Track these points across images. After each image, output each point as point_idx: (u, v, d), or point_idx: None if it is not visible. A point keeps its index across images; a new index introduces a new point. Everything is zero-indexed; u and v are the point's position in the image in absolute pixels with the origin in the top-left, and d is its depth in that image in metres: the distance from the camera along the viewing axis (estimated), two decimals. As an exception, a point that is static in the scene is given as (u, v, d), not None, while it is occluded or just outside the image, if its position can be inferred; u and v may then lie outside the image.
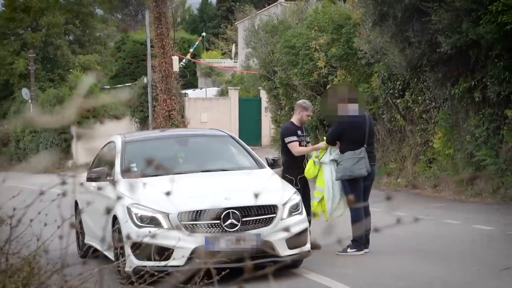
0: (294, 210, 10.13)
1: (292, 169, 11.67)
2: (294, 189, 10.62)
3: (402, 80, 21.20)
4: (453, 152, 19.12)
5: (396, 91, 21.71)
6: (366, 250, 11.40)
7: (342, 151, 11.35)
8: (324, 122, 26.73)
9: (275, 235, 9.69)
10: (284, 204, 10.00)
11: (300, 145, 11.79)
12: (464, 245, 11.86)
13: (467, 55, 17.56)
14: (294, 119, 12.04)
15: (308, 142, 12.00)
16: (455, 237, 12.30)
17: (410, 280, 9.59)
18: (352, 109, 11.40)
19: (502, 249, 11.55)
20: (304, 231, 10.10)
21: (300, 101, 12.48)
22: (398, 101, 21.73)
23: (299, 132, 11.85)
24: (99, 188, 10.56)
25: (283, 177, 11.54)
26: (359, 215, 11.24)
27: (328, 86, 23.05)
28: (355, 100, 11.50)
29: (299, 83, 26.14)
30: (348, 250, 11.30)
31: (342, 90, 12.05)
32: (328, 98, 11.87)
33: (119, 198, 9.95)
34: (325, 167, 11.50)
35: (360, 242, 11.31)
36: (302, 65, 25.56)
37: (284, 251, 9.78)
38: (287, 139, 11.77)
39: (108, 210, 4.89)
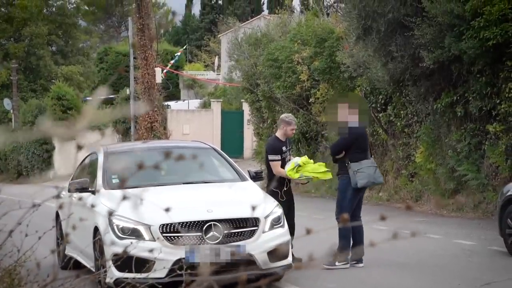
0: (276, 223, 10.11)
1: (277, 182, 11.66)
2: (276, 202, 10.60)
3: (385, 94, 21.26)
4: (435, 166, 19.18)
5: (378, 105, 21.77)
6: (361, 265, 11.38)
7: (352, 160, 11.37)
8: (306, 135, 26.78)
9: (257, 248, 9.67)
10: (266, 217, 9.98)
11: (284, 162, 11.79)
12: (445, 259, 11.88)
13: (449, 70, 17.64)
14: (279, 134, 12.03)
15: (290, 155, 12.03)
16: (437, 252, 12.32)
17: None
18: (356, 120, 11.45)
19: (483, 264, 11.57)
20: (286, 244, 10.08)
21: (283, 116, 12.45)
22: (380, 115, 21.79)
23: (283, 148, 11.87)
24: (80, 199, 10.52)
25: (268, 190, 11.54)
26: (349, 229, 11.24)
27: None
28: (364, 111, 11.64)
29: (281, 96, 26.16)
30: (336, 263, 11.28)
31: (352, 100, 12.12)
32: (339, 108, 11.75)
33: (100, 209, 9.93)
34: None
35: (347, 255, 11.31)
36: (285, 78, 25.60)
37: (265, 264, 9.75)
38: (270, 157, 11.79)
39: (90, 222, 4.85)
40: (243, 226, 9.77)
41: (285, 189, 11.70)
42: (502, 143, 16.95)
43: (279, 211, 10.32)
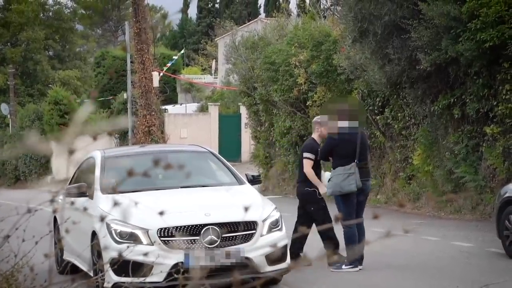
0: (274, 226, 10.11)
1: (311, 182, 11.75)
2: (274, 205, 10.59)
3: (382, 96, 21.27)
4: (433, 168, 19.18)
5: (375, 108, 21.78)
6: (360, 267, 11.36)
7: (333, 166, 11.40)
8: (304, 138, 26.74)
9: (255, 251, 9.66)
10: (264, 220, 9.98)
11: (318, 164, 11.90)
12: (443, 261, 11.88)
13: (446, 72, 17.65)
14: (315, 136, 12.09)
15: None
16: (435, 254, 12.31)
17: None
18: (343, 124, 11.39)
19: (481, 266, 11.56)
20: (284, 248, 10.07)
21: (316, 118, 12.47)
22: (377, 117, 21.79)
23: (319, 150, 11.91)
24: (77, 204, 10.50)
25: (304, 191, 11.70)
26: (352, 231, 11.22)
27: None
28: (349, 116, 11.48)
29: (279, 99, 26.16)
30: (343, 266, 11.27)
31: (334, 105, 12.13)
32: (326, 113, 11.85)
33: (98, 213, 9.92)
34: None
35: (355, 258, 11.29)
36: (282, 81, 25.61)
37: (263, 267, 9.74)
38: (304, 154, 11.86)
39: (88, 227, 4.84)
40: (241, 230, 9.76)
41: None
42: (499, 145, 16.95)
43: (277, 214, 10.31)
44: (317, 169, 11.92)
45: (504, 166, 16.87)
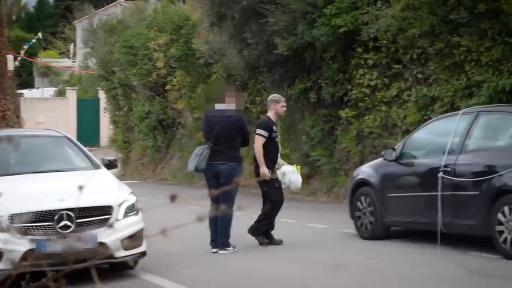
0: (130, 211, 10.01)
1: (267, 162, 11.67)
2: (130, 190, 10.49)
3: (241, 80, 21.41)
4: (289, 152, 19.47)
5: (234, 92, 21.88)
6: (224, 251, 11.46)
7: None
8: (163, 123, 26.68)
9: (110, 236, 9.56)
10: (119, 205, 9.87)
11: (274, 141, 11.83)
12: (300, 243, 12.08)
13: (303, 57, 17.94)
14: (270, 114, 12.01)
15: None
16: (291, 236, 12.50)
17: (246, 277, 9.69)
18: (219, 107, 11.51)
19: (334, 246, 11.83)
20: (140, 232, 10.00)
21: (270, 96, 12.48)
22: (236, 102, 21.91)
23: (274, 128, 11.89)
24: None
25: (256, 171, 11.64)
26: (223, 215, 11.30)
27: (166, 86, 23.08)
28: (216, 99, 11.59)
29: (138, 83, 25.99)
30: (221, 251, 11.36)
31: (212, 87, 12.25)
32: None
33: None
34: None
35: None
36: (141, 65, 25.45)
37: (119, 252, 9.65)
38: (257, 131, 11.78)
39: None
40: (96, 215, 9.63)
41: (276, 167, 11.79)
42: (353, 128, 17.38)
43: (133, 198, 10.22)
44: (274, 148, 11.90)
45: (358, 149, 17.31)
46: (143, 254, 10.03)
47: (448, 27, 14.90)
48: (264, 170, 11.61)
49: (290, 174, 12.03)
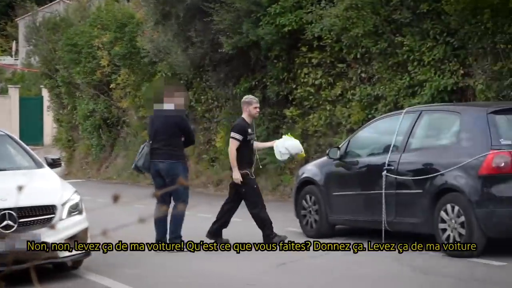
0: (73, 210, 9.92)
1: (244, 164, 11.60)
2: (74, 189, 10.39)
3: (185, 79, 21.36)
4: (235, 150, 19.46)
5: (179, 91, 21.83)
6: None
7: None
8: (108, 121, 26.49)
9: (54, 236, 9.45)
10: (63, 204, 9.77)
11: (249, 144, 11.74)
12: (245, 242, 12.07)
13: (248, 55, 17.95)
14: (245, 116, 11.84)
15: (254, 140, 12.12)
16: (235, 235, 12.50)
17: (190, 277, 9.67)
18: (166, 106, 11.48)
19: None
20: (84, 231, 9.91)
21: (243, 98, 12.26)
22: (181, 100, 21.86)
23: (249, 130, 11.78)
24: None
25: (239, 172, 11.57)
26: (173, 214, 11.40)
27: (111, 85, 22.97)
28: (155, 98, 11.64)
29: (82, 81, 25.78)
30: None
31: (153, 86, 12.25)
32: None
33: None
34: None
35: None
36: (84, 63, 25.25)
37: (63, 252, 9.56)
38: (232, 134, 11.66)
39: None
40: (39, 214, 9.52)
41: (252, 169, 11.78)
42: (298, 127, 17.45)
43: (77, 197, 10.13)
44: (249, 150, 11.80)
45: (303, 147, 17.35)
46: (87, 253, 9.95)
47: (391, 27, 15.07)
48: (236, 175, 11.61)
49: (282, 143, 12.09)
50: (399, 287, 8.89)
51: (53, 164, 11.26)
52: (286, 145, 12.11)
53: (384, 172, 11.02)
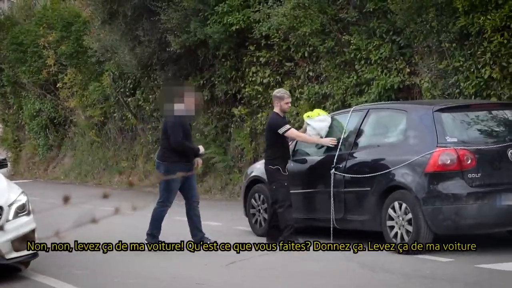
0: (20, 211, 9.81)
1: (277, 159, 11.36)
2: (21, 190, 10.27)
3: (133, 78, 21.29)
4: (183, 150, 19.43)
5: (127, 90, 21.76)
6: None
7: None
8: (55, 121, 26.26)
9: (1, 237, 9.34)
10: (10, 205, 9.66)
11: (285, 138, 11.46)
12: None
13: (196, 54, 17.95)
14: (277, 110, 11.57)
15: None
16: (186, 234, 12.49)
17: (140, 277, 9.63)
18: (177, 108, 11.50)
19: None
20: (32, 233, 9.81)
21: (274, 92, 11.98)
22: (129, 99, 21.79)
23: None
24: None
25: (268, 168, 11.40)
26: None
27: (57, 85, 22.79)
28: (180, 100, 11.52)
29: (28, 81, 25.51)
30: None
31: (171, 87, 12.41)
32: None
33: None
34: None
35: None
36: (30, 62, 25.01)
37: (9, 254, 9.45)
38: (282, 129, 11.29)
39: None
40: (-15, 216, 9.40)
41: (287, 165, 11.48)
42: (247, 126, 17.49)
43: (24, 198, 10.01)
44: (280, 143, 11.49)
45: (251, 146, 17.42)
46: (34, 255, 9.85)
47: (338, 26, 15.17)
48: (325, 141, 11.42)
49: (313, 123, 11.67)
50: (346, 284, 8.95)
51: (0, 164, 11.15)
52: (319, 126, 11.78)
53: (333, 171, 11.09)
